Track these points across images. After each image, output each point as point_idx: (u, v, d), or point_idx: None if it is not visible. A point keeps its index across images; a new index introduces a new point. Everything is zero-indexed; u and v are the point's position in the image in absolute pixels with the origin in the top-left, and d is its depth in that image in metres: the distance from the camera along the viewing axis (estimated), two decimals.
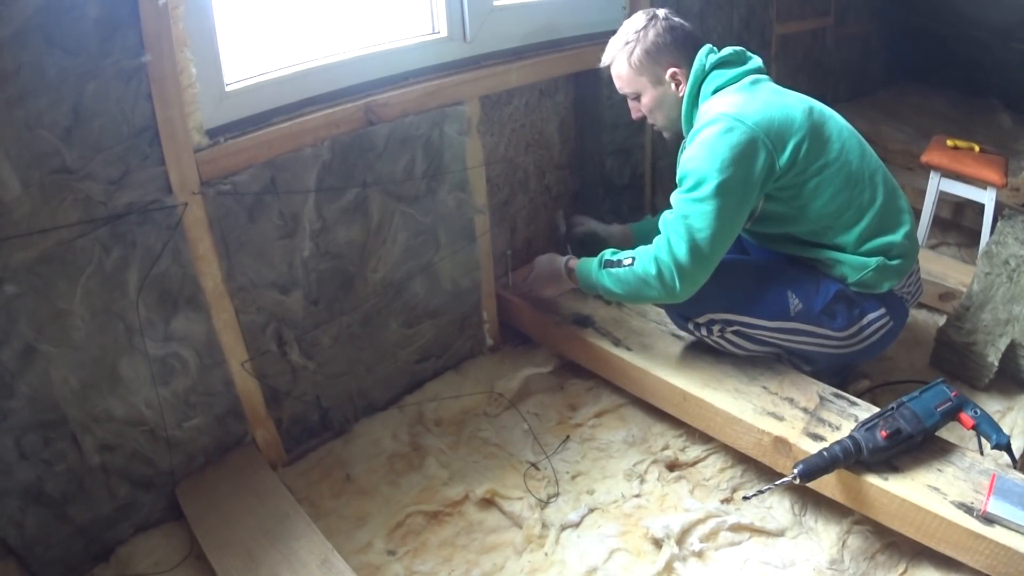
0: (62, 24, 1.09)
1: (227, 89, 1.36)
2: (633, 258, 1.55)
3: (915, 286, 1.64)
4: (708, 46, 1.58)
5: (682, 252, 1.46)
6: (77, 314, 1.24)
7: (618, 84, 1.65)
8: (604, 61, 1.65)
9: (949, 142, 2.42)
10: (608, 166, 2.15)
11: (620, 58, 1.60)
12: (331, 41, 1.54)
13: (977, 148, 2.38)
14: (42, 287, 1.19)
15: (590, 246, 1.90)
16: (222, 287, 1.41)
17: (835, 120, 1.53)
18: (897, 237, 1.52)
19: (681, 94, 1.58)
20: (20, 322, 1.18)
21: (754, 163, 1.43)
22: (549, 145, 2.09)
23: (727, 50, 1.57)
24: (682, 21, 1.60)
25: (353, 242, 1.61)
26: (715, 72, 1.54)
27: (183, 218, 1.31)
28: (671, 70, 1.56)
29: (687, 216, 1.46)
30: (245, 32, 1.41)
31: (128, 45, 1.16)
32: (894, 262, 1.52)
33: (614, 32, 1.83)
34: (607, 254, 1.62)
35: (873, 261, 1.51)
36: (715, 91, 1.53)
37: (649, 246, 1.53)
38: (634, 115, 1.68)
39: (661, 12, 1.60)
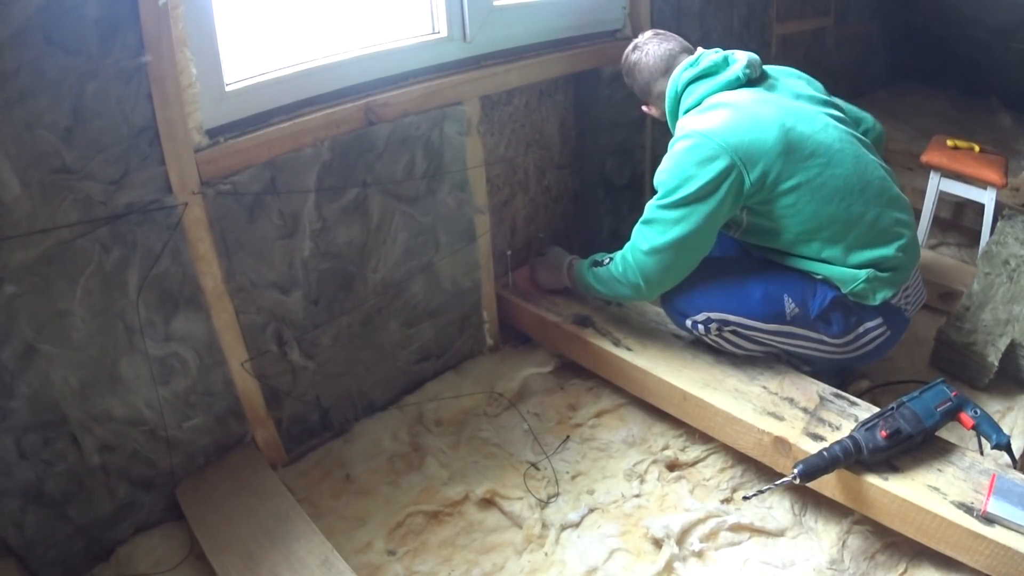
0: (62, 24, 1.09)
1: (227, 89, 1.36)
2: (612, 258, 1.66)
3: (915, 296, 1.62)
4: (687, 61, 1.60)
5: (643, 256, 1.56)
6: (77, 314, 1.24)
7: None
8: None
9: (949, 142, 2.42)
10: (608, 166, 2.15)
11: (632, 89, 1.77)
12: (331, 41, 1.54)
13: (977, 148, 2.38)
14: (42, 287, 1.19)
15: None
16: (222, 287, 1.41)
17: (827, 132, 1.49)
18: (889, 251, 1.50)
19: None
20: (20, 322, 1.18)
21: (719, 178, 1.45)
22: (549, 145, 2.09)
23: (705, 63, 1.57)
24: (648, 45, 1.68)
25: (353, 242, 1.61)
26: (689, 88, 1.58)
27: (183, 218, 1.31)
28: (659, 90, 1.67)
29: (651, 221, 1.55)
30: (245, 32, 1.41)
31: (128, 45, 1.16)
32: (885, 275, 1.50)
33: (614, 32, 1.83)
34: (597, 256, 1.74)
35: (863, 273, 1.49)
36: (688, 110, 1.57)
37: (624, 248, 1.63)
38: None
39: (630, 47, 1.72)
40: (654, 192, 1.55)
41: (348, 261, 1.62)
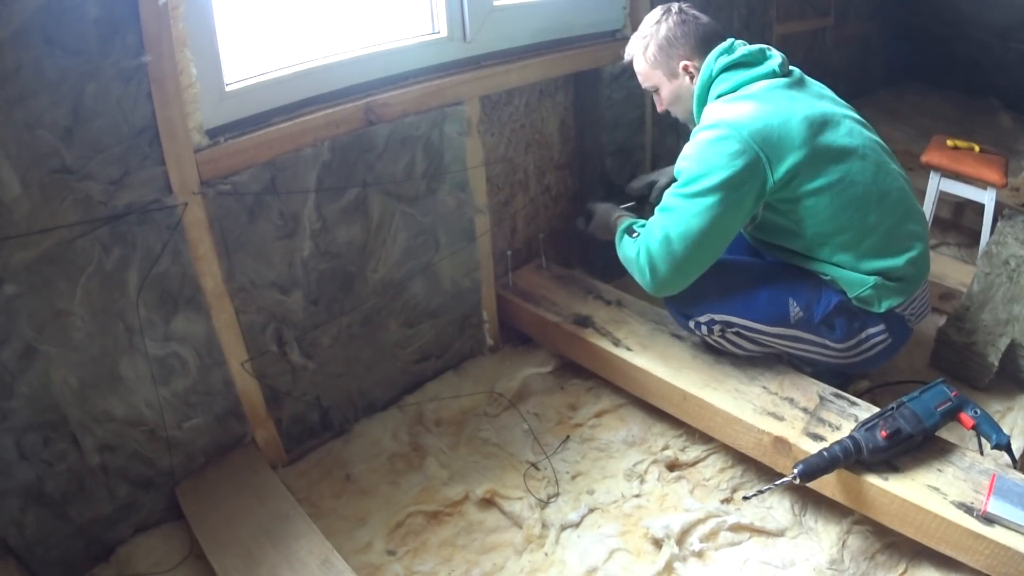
0: (62, 24, 1.09)
1: (227, 89, 1.36)
2: (639, 233, 1.61)
3: (920, 307, 1.61)
4: (722, 46, 1.54)
5: (656, 244, 1.51)
6: (77, 314, 1.24)
7: (639, 79, 1.67)
8: (626, 57, 1.69)
9: (949, 142, 2.42)
10: (608, 166, 2.15)
11: (637, 54, 1.64)
12: (331, 41, 1.54)
13: (977, 148, 2.38)
14: (42, 287, 1.19)
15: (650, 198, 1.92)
16: (222, 287, 1.41)
17: (851, 136, 1.46)
18: (899, 262, 1.49)
19: (696, 86, 1.57)
20: (20, 322, 1.18)
21: (744, 173, 1.42)
22: (549, 145, 2.09)
23: (742, 51, 1.52)
24: (697, 15, 1.59)
25: (353, 242, 1.61)
26: (723, 76, 1.52)
27: (183, 218, 1.31)
28: (683, 63, 1.57)
29: (668, 209, 1.50)
30: (245, 32, 1.41)
31: (128, 45, 1.16)
32: (892, 284, 1.50)
33: (614, 32, 1.81)
34: (635, 224, 1.67)
35: (871, 280, 1.48)
36: (720, 96, 1.51)
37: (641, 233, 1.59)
38: (659, 108, 1.71)
39: (676, 6, 1.61)
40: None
41: (348, 261, 1.62)
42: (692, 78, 1.58)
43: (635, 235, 1.63)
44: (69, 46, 1.10)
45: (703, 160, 1.44)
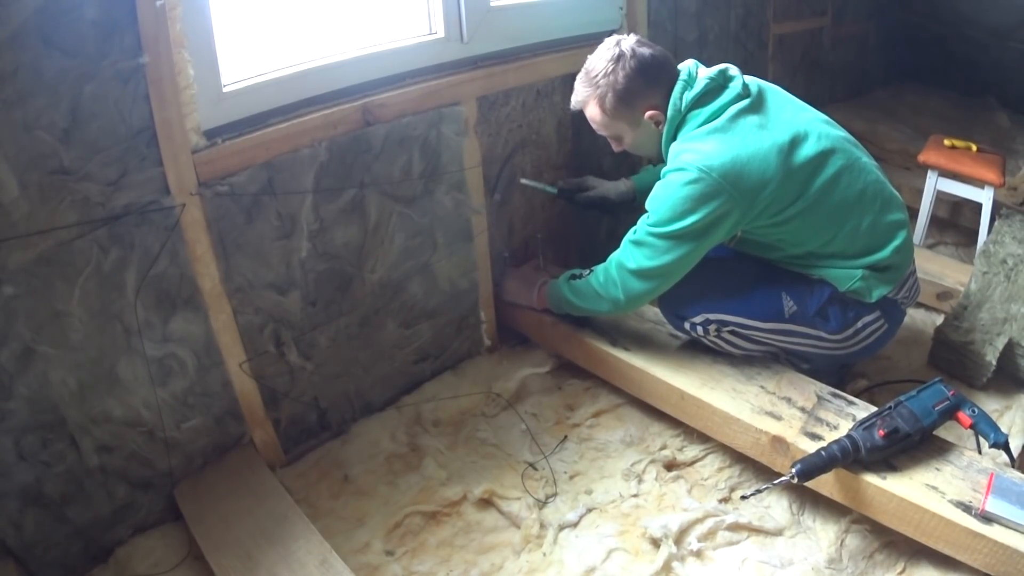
0: (60, 25, 1.09)
1: (225, 90, 1.36)
2: (592, 271, 1.64)
3: (911, 290, 1.63)
4: (682, 80, 1.47)
5: (628, 274, 1.54)
6: (75, 315, 1.24)
7: (593, 126, 1.59)
8: (574, 104, 1.58)
9: (946, 141, 2.43)
10: (605, 166, 2.15)
11: (591, 103, 1.53)
12: (329, 42, 1.54)
13: (974, 147, 2.38)
14: (40, 288, 1.19)
15: (600, 209, 1.89)
16: (220, 288, 1.41)
17: (820, 142, 1.44)
18: (885, 253, 1.50)
19: (662, 130, 1.52)
20: (18, 323, 1.18)
21: (716, 214, 1.42)
22: (546, 145, 2.09)
23: (703, 80, 1.46)
24: (652, 51, 1.49)
25: (351, 243, 1.61)
26: (691, 114, 1.47)
27: (181, 219, 1.31)
28: (649, 112, 1.50)
29: (641, 243, 1.52)
30: (243, 33, 1.41)
31: (126, 46, 1.16)
32: (880, 273, 1.51)
33: (611, 32, 1.80)
34: (575, 271, 1.74)
35: (858, 272, 1.50)
36: (687, 132, 1.48)
37: (606, 261, 1.61)
38: (615, 149, 1.65)
39: (628, 45, 1.48)
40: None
41: (346, 262, 1.62)
42: (659, 124, 1.52)
43: (587, 274, 1.66)
44: (67, 47, 1.11)
45: (674, 204, 1.43)
